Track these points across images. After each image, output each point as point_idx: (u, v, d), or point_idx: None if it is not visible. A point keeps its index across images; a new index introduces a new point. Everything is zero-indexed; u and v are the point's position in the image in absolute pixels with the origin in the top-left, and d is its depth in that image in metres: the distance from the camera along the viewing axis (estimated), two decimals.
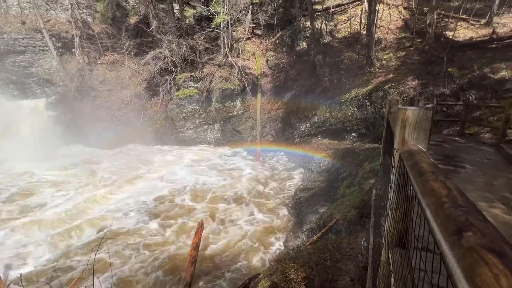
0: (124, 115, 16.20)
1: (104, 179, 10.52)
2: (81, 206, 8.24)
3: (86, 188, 9.58)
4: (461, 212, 0.49)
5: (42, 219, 7.38)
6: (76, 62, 16.85)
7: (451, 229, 0.46)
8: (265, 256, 6.13)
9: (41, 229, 6.96)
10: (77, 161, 12.32)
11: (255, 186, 10.27)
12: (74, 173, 10.98)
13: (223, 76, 16.28)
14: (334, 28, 16.32)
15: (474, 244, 0.39)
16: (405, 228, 1.28)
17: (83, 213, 7.85)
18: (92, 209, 8.15)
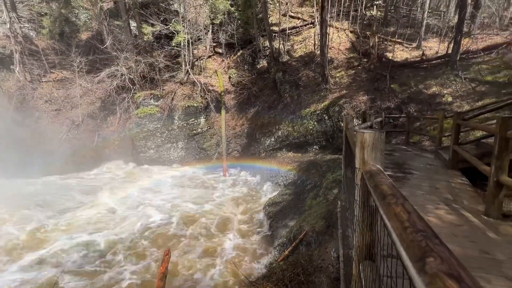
0: (75, 136, 14.80)
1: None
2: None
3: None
4: (421, 237, 0.57)
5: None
6: (15, 80, 15.10)
7: (416, 255, 0.53)
8: (240, 277, 5.94)
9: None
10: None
11: (223, 203, 10.05)
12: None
13: (185, 94, 16.03)
14: (291, 48, 17.43)
15: (437, 271, 0.46)
16: (372, 241, 1.38)
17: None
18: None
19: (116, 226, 8.24)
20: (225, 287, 5.78)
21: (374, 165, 1.32)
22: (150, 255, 6.84)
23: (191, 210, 9.45)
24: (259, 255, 6.94)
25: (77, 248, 6.93)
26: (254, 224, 8.54)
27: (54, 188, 11.31)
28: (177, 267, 6.34)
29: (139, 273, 6.16)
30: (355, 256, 1.54)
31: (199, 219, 8.80)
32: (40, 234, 7.54)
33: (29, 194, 10.35)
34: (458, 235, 2.91)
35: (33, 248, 6.87)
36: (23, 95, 14.94)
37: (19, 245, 6.97)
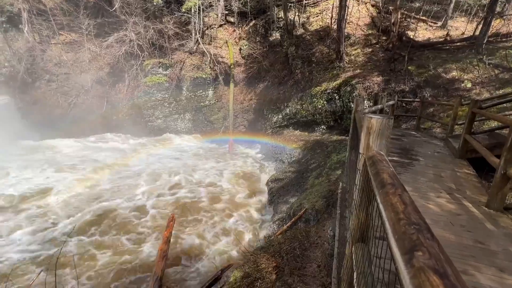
0: (85, 102, 14.95)
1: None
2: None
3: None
4: (413, 230, 0.57)
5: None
6: (25, 40, 14.96)
7: (405, 248, 0.54)
8: (237, 247, 6.27)
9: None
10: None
11: (227, 176, 10.29)
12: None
13: (194, 64, 15.69)
14: (307, 21, 16.51)
15: (423, 265, 0.47)
16: (367, 225, 1.41)
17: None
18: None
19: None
20: (226, 255, 6.12)
21: (379, 152, 1.30)
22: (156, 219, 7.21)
23: (196, 182, 9.73)
24: (259, 228, 7.23)
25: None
26: (256, 198, 8.79)
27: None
28: (181, 234, 6.69)
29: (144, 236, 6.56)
30: (349, 237, 1.58)
31: (201, 192, 9.09)
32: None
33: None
34: (455, 224, 2.94)
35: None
36: (33, 56, 14.88)
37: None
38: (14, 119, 13.41)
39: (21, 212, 7.22)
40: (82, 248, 6.00)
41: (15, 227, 6.57)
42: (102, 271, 5.43)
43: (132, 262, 5.71)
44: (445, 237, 2.64)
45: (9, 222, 6.78)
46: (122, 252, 5.98)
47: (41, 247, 6.00)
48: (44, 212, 7.24)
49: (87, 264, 5.59)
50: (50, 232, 6.49)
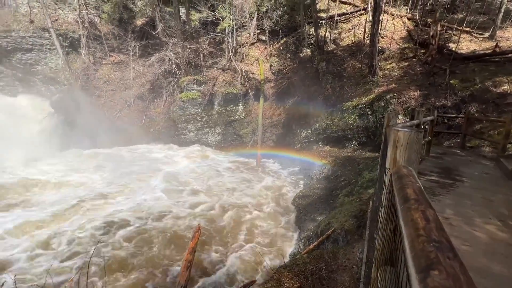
0: (127, 115, 16.33)
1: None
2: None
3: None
4: (432, 248, 0.52)
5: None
6: (81, 61, 17.05)
7: (421, 266, 0.48)
8: (262, 263, 6.11)
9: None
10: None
11: (254, 190, 10.27)
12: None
13: (226, 80, 16.40)
14: (338, 36, 16.45)
15: (438, 285, 0.42)
16: (394, 246, 1.29)
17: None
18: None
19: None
20: (249, 271, 6.00)
21: (406, 167, 1.21)
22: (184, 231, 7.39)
23: (223, 194, 9.87)
24: (284, 245, 7.01)
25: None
26: (282, 214, 8.59)
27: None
28: (206, 245, 6.75)
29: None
30: (375, 259, 1.46)
31: (227, 205, 9.16)
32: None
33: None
34: (508, 256, 2.55)
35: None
36: (87, 75, 16.84)
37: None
38: (70, 130, 15.05)
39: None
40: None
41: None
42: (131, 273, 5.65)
43: (159, 269, 5.86)
44: (494, 271, 2.30)
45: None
46: (152, 257, 6.18)
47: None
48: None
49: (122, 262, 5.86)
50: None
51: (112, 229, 7.07)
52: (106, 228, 7.05)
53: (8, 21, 16.21)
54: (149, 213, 7.96)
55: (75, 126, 15.33)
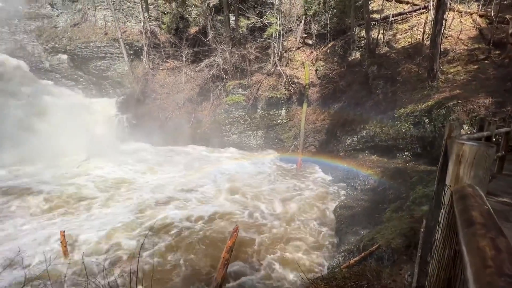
0: (177, 116, 17.65)
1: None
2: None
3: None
4: (503, 283, 0.44)
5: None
6: (142, 67, 19.06)
7: None
8: (298, 272, 5.96)
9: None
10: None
11: (293, 196, 10.11)
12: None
13: (270, 85, 16.57)
14: (393, 38, 15.30)
15: None
16: (452, 276, 1.14)
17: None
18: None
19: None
20: (283, 278, 5.91)
21: (471, 186, 1.06)
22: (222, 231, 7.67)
23: (260, 197, 9.93)
24: (322, 257, 6.73)
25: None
26: (322, 224, 8.27)
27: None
28: (244, 247, 6.86)
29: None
30: (428, 286, 1.30)
31: (262, 208, 9.18)
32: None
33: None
34: None
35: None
36: (146, 79, 18.76)
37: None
38: (131, 128, 16.94)
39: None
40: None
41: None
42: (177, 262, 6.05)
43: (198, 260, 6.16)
44: None
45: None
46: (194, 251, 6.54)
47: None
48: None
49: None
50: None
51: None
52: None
53: (89, 33, 19.05)
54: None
55: (135, 125, 17.17)
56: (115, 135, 16.28)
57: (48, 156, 12.64)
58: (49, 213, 7.88)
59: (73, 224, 7.26)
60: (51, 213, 7.92)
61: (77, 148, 13.44)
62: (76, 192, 9.22)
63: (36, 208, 8.10)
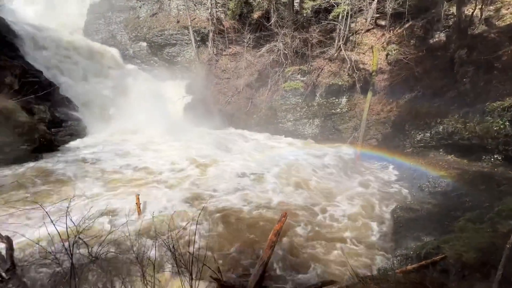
0: (236, 101, 18.34)
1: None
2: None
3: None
4: None
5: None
6: (207, 53, 20.20)
7: None
8: (343, 267, 5.75)
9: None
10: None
11: (348, 189, 9.61)
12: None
13: (332, 71, 15.61)
14: (495, 14, 12.45)
15: None
16: None
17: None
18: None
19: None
20: (329, 270, 5.78)
21: None
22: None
23: (314, 189, 9.73)
24: (373, 257, 6.31)
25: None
26: (377, 223, 7.68)
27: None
28: (291, 236, 6.91)
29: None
30: None
31: (318, 199, 8.97)
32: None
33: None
34: None
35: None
36: (210, 65, 19.86)
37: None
38: (195, 111, 18.36)
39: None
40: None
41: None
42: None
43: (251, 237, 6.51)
44: None
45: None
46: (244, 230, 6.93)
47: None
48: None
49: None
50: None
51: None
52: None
53: (164, 22, 21.01)
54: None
55: (199, 108, 18.56)
56: (181, 116, 17.97)
57: (129, 131, 14.84)
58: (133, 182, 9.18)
59: (146, 191, 8.42)
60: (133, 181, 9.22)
61: (152, 126, 15.37)
62: (148, 167, 10.45)
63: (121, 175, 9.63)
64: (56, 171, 9.47)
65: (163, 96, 18.96)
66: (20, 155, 10.02)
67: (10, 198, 6.22)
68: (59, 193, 7.98)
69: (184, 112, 18.34)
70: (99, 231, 5.56)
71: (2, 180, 8.38)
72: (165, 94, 19.24)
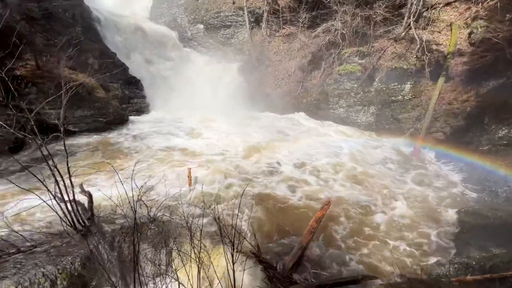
0: (286, 84, 17.97)
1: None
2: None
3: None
4: None
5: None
6: (260, 34, 19.99)
7: None
8: (390, 264, 5.41)
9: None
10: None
11: (405, 185, 8.80)
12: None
13: (396, 53, 13.91)
14: None
15: None
16: None
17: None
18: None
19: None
20: (372, 266, 5.51)
21: None
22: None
23: (368, 183, 9.17)
24: (424, 258, 5.76)
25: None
26: (434, 226, 6.92)
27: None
28: (335, 225, 6.73)
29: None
30: None
31: (371, 192, 8.44)
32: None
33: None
34: None
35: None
36: (263, 46, 19.67)
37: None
38: (245, 94, 18.70)
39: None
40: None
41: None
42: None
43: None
44: None
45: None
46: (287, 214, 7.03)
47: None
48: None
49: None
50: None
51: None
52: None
53: (220, 4, 21.34)
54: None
55: (248, 90, 18.82)
56: (232, 98, 18.53)
57: (185, 111, 15.98)
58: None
59: (197, 167, 9.08)
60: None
61: (205, 107, 16.29)
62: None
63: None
64: (124, 142, 10.91)
65: (216, 78, 19.71)
66: (97, 126, 11.80)
67: (89, 160, 7.47)
68: (125, 160, 9.22)
69: (234, 94, 18.85)
70: (156, 196, 6.30)
71: (83, 145, 10.04)
72: (218, 75, 19.96)
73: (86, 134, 11.21)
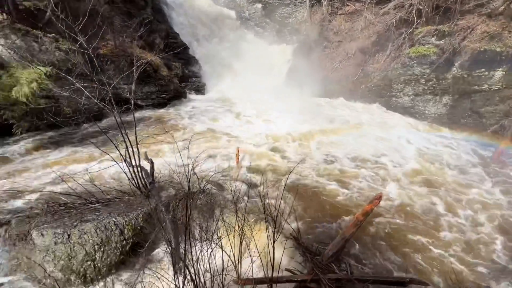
0: (344, 67, 16.72)
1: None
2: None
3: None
4: None
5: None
6: (321, 13, 18.71)
7: None
8: (444, 273, 4.86)
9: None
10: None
11: (484, 191, 7.62)
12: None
13: (489, 32, 11.50)
14: None
15: None
16: None
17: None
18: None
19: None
20: (425, 272, 5.03)
21: None
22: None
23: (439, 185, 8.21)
24: (489, 277, 4.99)
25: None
26: (502, 239, 5.88)
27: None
28: (387, 223, 6.27)
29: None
30: None
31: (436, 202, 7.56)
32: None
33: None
34: None
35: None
36: (322, 26, 18.45)
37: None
38: (297, 76, 18.11)
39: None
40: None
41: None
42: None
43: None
44: None
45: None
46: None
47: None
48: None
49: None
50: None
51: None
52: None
53: None
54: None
55: (302, 73, 18.13)
56: (284, 80, 18.15)
57: (238, 92, 16.35)
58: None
59: (246, 147, 9.37)
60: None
61: (258, 89, 16.38)
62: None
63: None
64: (184, 118, 11.83)
65: (271, 59, 19.47)
66: (160, 102, 13.01)
67: (153, 132, 8.39)
68: (183, 133, 10.05)
69: (287, 77, 18.41)
70: (207, 170, 6.76)
71: (147, 118, 11.26)
72: (272, 57, 19.67)
73: (150, 109, 12.51)
